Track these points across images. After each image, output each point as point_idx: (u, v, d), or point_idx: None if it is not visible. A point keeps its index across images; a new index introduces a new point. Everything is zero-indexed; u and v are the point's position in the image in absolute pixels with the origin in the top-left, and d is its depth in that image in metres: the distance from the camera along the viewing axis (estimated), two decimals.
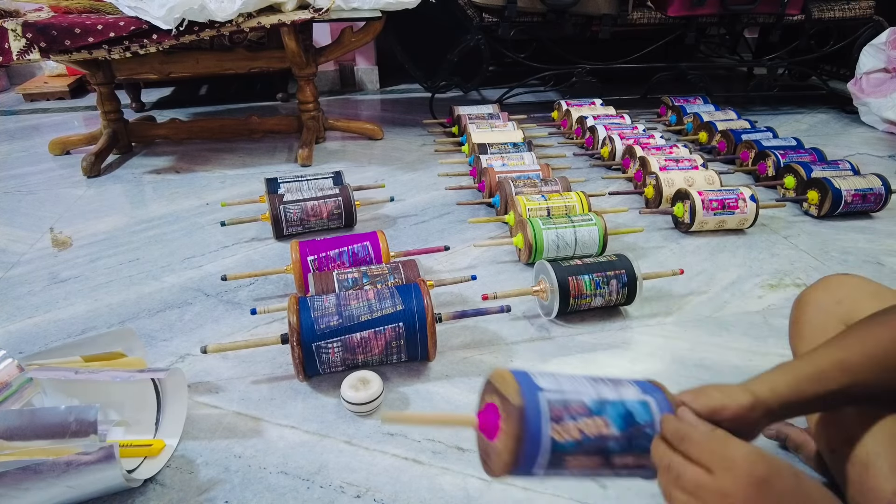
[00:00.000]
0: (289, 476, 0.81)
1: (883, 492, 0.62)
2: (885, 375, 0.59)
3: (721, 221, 1.40)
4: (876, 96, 2.15)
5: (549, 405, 0.53)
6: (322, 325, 0.90)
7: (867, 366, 0.59)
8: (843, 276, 0.79)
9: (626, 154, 1.77)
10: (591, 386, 0.56)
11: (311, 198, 1.41)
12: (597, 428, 0.53)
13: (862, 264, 1.31)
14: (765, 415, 0.57)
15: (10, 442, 0.71)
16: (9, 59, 1.53)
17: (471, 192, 1.67)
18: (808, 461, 0.79)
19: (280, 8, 1.64)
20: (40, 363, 0.84)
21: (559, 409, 0.53)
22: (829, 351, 0.62)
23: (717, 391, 0.57)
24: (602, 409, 0.54)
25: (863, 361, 0.59)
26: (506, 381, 0.54)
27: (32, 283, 1.27)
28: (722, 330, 1.10)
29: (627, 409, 0.55)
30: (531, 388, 0.54)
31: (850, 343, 0.61)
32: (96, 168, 1.83)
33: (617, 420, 0.54)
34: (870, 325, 0.62)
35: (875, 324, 0.62)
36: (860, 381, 0.59)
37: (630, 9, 2.05)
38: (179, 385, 0.88)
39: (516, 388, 0.53)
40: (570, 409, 0.53)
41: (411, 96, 2.75)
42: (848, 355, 0.60)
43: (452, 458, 0.83)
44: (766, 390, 0.58)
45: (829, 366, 0.60)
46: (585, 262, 1.10)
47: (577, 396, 0.55)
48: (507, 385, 0.54)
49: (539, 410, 0.52)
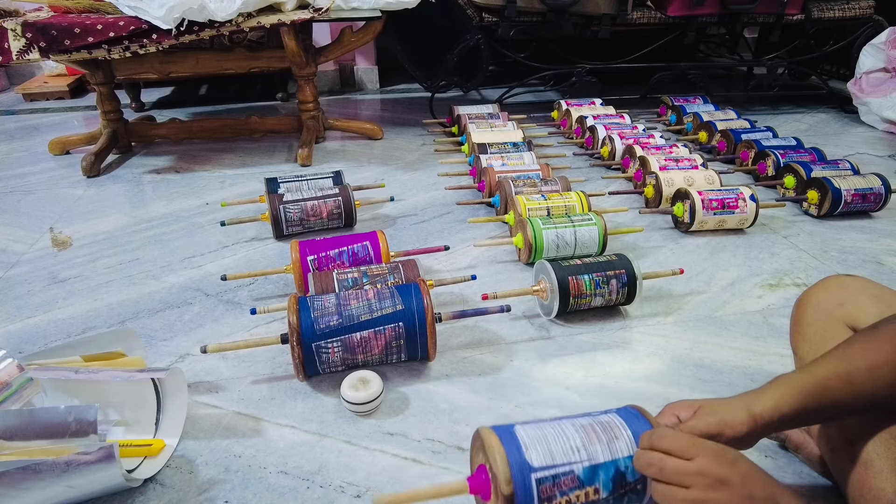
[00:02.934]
0: (289, 476, 0.81)
1: (883, 492, 0.62)
2: (885, 391, 0.59)
3: (721, 221, 1.40)
4: (876, 96, 2.15)
5: (538, 486, 0.53)
6: (322, 324, 0.90)
7: (871, 378, 0.59)
8: (844, 276, 0.79)
9: (626, 154, 1.77)
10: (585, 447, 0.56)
11: (311, 198, 1.41)
12: (587, 496, 0.55)
13: (862, 264, 1.31)
14: (764, 430, 0.58)
15: (9, 442, 0.71)
16: (8, 58, 1.53)
17: (471, 192, 1.67)
18: (808, 461, 0.79)
19: (280, 8, 1.64)
20: (40, 363, 0.84)
21: (549, 487, 0.54)
22: (832, 363, 0.61)
23: (714, 415, 0.57)
24: (594, 477, 0.55)
25: (866, 374, 0.59)
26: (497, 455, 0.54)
27: (32, 283, 1.27)
28: (722, 330, 1.10)
29: (619, 469, 0.56)
30: (523, 468, 0.54)
31: (853, 355, 0.61)
32: (96, 168, 1.83)
33: (608, 484, 0.55)
34: (873, 337, 0.62)
35: (878, 335, 0.61)
36: (864, 394, 0.59)
37: (630, 9, 2.05)
38: (179, 385, 0.88)
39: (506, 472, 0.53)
40: (561, 484, 0.54)
41: (411, 96, 2.75)
42: (852, 368, 0.60)
43: (452, 458, 0.83)
44: (768, 408, 0.58)
45: (833, 379, 0.60)
46: (585, 262, 1.10)
47: (568, 468, 0.55)
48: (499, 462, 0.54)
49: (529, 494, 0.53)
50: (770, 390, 0.60)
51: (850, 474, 0.66)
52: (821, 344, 0.72)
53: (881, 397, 0.59)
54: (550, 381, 0.98)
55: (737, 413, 0.57)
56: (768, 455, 0.83)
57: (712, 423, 0.57)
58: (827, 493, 0.76)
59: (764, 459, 0.82)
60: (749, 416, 0.57)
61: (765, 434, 0.59)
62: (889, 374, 0.58)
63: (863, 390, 0.59)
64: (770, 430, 0.59)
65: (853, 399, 0.59)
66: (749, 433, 0.57)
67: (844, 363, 0.61)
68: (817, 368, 0.62)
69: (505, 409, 0.92)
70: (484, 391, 0.96)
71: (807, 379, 0.61)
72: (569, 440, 0.57)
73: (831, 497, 0.76)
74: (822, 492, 0.77)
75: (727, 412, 0.58)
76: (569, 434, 0.58)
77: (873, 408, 0.61)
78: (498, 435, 0.57)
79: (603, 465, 0.56)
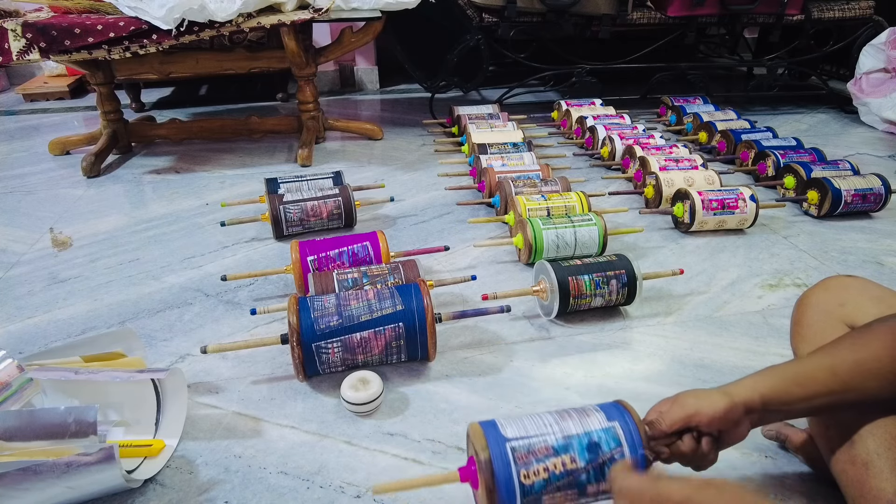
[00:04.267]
0: (289, 476, 0.81)
1: (883, 492, 0.62)
2: (873, 384, 0.61)
3: (721, 221, 1.40)
4: (876, 96, 2.15)
5: (513, 453, 0.59)
6: (322, 325, 0.90)
7: (856, 372, 0.61)
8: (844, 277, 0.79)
9: (626, 154, 1.77)
10: (557, 423, 0.62)
11: (311, 198, 1.41)
12: (563, 465, 0.59)
13: (862, 264, 1.31)
14: (745, 413, 0.61)
15: (9, 442, 0.71)
16: (9, 59, 1.53)
17: (471, 192, 1.67)
18: (808, 461, 0.79)
19: (280, 8, 1.64)
20: (40, 363, 0.84)
21: (524, 454, 0.59)
22: (819, 356, 0.64)
23: (692, 397, 0.61)
24: (567, 447, 0.60)
25: (852, 368, 0.61)
26: (477, 436, 0.60)
27: (32, 283, 1.27)
28: (722, 330, 1.10)
29: (592, 440, 0.60)
30: (498, 439, 0.60)
31: (840, 350, 0.63)
32: (96, 168, 1.83)
33: (583, 453, 0.59)
34: (862, 334, 0.64)
35: (867, 332, 0.64)
36: (848, 387, 0.61)
37: (630, 9, 2.05)
38: (179, 385, 0.88)
39: (484, 442, 0.59)
40: (536, 452, 0.59)
41: (411, 96, 2.75)
42: (837, 361, 0.62)
43: (452, 458, 0.83)
44: (747, 391, 0.61)
45: (818, 370, 0.62)
46: (585, 263, 1.10)
47: (541, 439, 0.60)
48: (477, 439, 0.60)
49: (505, 460, 0.58)
50: (752, 376, 0.63)
51: (850, 474, 0.66)
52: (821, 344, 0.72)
53: (871, 390, 0.61)
54: (550, 382, 0.98)
55: (713, 395, 0.61)
56: (769, 455, 0.83)
57: (689, 405, 0.60)
58: (827, 493, 0.76)
59: (764, 460, 0.82)
60: (726, 396, 0.60)
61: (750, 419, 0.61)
62: (876, 368, 0.60)
63: (849, 382, 0.61)
64: (754, 416, 0.61)
65: (841, 390, 0.61)
66: (728, 412, 0.59)
67: (830, 356, 0.63)
68: (805, 359, 0.65)
69: (505, 409, 0.92)
70: (484, 391, 0.96)
71: (791, 367, 0.64)
72: (542, 419, 0.63)
73: (831, 497, 0.76)
74: (822, 492, 0.77)
75: (704, 396, 0.61)
76: (543, 416, 0.63)
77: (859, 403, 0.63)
78: (480, 423, 0.63)
79: (575, 435, 0.60)
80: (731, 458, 0.82)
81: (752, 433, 0.85)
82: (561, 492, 0.59)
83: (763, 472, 0.80)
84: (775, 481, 0.79)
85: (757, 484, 0.78)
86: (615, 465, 0.59)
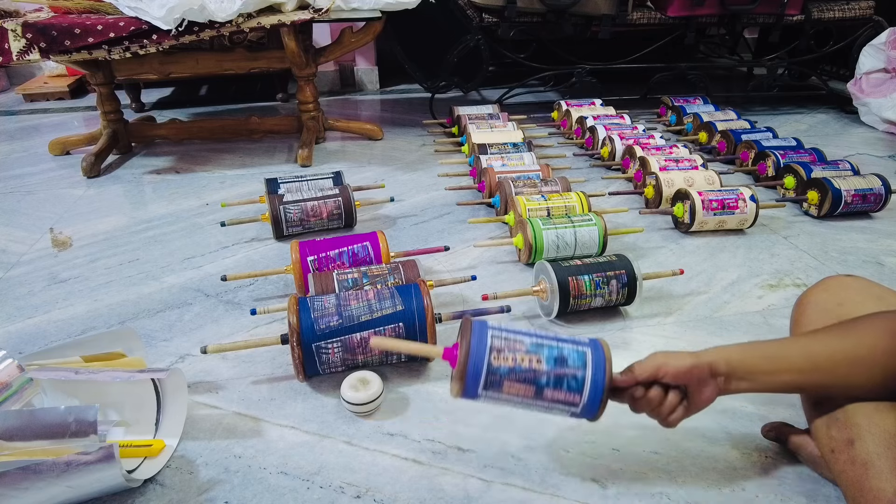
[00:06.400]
0: (289, 476, 0.81)
1: (883, 492, 0.62)
2: (861, 373, 0.65)
3: (721, 221, 1.40)
4: (876, 96, 2.15)
5: (491, 338, 0.68)
6: (322, 325, 0.90)
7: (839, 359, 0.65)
8: (844, 277, 0.79)
9: (626, 154, 1.77)
10: (538, 334, 0.70)
11: (311, 198, 1.41)
12: (529, 362, 0.67)
13: (862, 264, 1.31)
14: (711, 375, 0.66)
15: (9, 442, 0.71)
16: (9, 59, 1.53)
17: (471, 193, 1.67)
18: (808, 461, 0.79)
19: (280, 8, 1.64)
20: (40, 363, 0.84)
21: (500, 342, 0.68)
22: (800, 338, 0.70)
23: (663, 355, 0.69)
24: (538, 349, 0.68)
25: (833, 354, 0.65)
26: (467, 323, 0.70)
27: (32, 284, 1.27)
28: (722, 330, 1.10)
29: (562, 353, 0.68)
30: (483, 326, 0.69)
31: (825, 336, 0.68)
32: (96, 168, 1.83)
33: (549, 360, 0.67)
34: (857, 324, 0.67)
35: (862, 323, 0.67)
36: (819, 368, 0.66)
37: (630, 9, 2.05)
38: (179, 385, 0.88)
39: (469, 325, 0.69)
40: (511, 344, 0.68)
41: (411, 96, 2.75)
42: (816, 345, 0.67)
43: (452, 459, 0.83)
44: (715, 355, 0.67)
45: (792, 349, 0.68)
46: (585, 263, 1.10)
47: (517, 337, 0.69)
48: (466, 325, 0.70)
49: (483, 341, 0.67)
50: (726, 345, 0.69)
51: (849, 474, 0.66)
52: None
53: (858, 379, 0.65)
54: None
55: (683, 354, 0.68)
56: (769, 455, 0.83)
57: (659, 359, 0.68)
58: (827, 493, 0.76)
59: (764, 460, 0.82)
60: (694, 356, 0.67)
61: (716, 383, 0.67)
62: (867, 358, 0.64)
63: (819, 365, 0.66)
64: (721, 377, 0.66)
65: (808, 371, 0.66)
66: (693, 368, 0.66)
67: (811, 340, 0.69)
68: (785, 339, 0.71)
69: (505, 408, 0.92)
70: None
71: (768, 344, 0.70)
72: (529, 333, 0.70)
73: (831, 497, 0.76)
74: (822, 492, 0.77)
75: (674, 354, 0.68)
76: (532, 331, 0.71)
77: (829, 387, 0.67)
78: None
79: (548, 345, 0.68)
80: (731, 458, 0.82)
81: (753, 433, 0.85)
82: (521, 384, 0.67)
83: (763, 472, 0.80)
84: (775, 481, 0.79)
85: (757, 484, 0.78)
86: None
